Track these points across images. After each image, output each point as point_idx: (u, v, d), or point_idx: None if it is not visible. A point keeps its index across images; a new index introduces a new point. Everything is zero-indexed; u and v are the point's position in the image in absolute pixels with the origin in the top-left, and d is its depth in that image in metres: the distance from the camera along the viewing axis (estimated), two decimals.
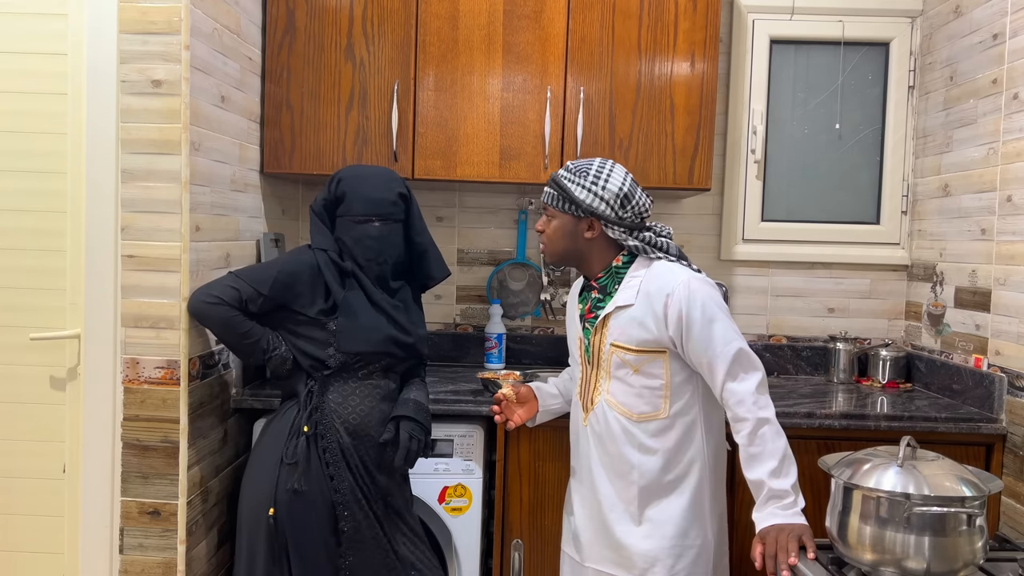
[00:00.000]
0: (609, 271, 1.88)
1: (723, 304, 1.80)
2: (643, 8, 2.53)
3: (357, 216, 2.00)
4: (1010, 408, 2.25)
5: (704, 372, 1.78)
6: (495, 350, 2.82)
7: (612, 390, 1.84)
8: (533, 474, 2.33)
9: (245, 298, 1.94)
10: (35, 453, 2.07)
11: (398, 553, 1.99)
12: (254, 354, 1.98)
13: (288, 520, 1.90)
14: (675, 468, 1.82)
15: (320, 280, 1.99)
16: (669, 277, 1.79)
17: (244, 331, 1.95)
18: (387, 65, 2.52)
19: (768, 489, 1.69)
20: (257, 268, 2.04)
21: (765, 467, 1.70)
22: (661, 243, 1.87)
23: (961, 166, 2.54)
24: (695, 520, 1.83)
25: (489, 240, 2.97)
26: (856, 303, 2.95)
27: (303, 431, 1.94)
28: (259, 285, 1.95)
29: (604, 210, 1.81)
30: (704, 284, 1.79)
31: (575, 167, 1.85)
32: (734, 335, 1.76)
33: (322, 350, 1.97)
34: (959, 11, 2.58)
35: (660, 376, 1.80)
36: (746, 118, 2.89)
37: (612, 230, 1.84)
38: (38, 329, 2.03)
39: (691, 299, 1.75)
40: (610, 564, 1.87)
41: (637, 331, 1.80)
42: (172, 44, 1.93)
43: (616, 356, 1.83)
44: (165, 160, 1.95)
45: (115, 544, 2.01)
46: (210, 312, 1.93)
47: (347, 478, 1.94)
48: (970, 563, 1.51)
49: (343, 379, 1.99)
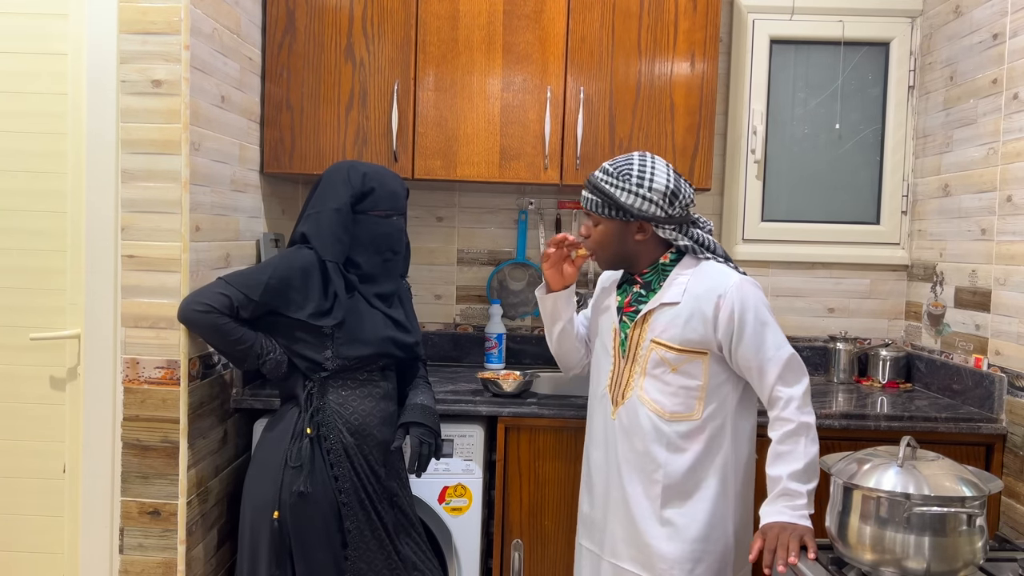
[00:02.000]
0: (656, 267, 1.85)
1: (770, 308, 1.79)
2: (643, 8, 2.53)
3: (384, 211, 2.01)
4: (1010, 408, 2.25)
5: (752, 375, 1.77)
6: (495, 350, 2.82)
7: (646, 386, 1.81)
8: (533, 474, 2.33)
9: (236, 305, 1.89)
10: (35, 453, 2.07)
11: (401, 553, 1.99)
12: (247, 360, 1.94)
13: (293, 522, 1.89)
14: (700, 471, 1.80)
15: (315, 282, 1.94)
16: (720, 279, 1.77)
17: (236, 338, 1.90)
18: (387, 65, 2.52)
19: (783, 486, 1.69)
20: (247, 273, 1.96)
21: (789, 467, 1.70)
22: (708, 242, 1.85)
23: (961, 166, 2.54)
24: (717, 525, 1.80)
25: (489, 240, 2.97)
26: (856, 303, 2.95)
27: (306, 433, 1.93)
28: (250, 291, 1.90)
29: (654, 211, 1.77)
30: (754, 288, 1.78)
31: (615, 169, 1.79)
32: (783, 340, 1.77)
33: (318, 353, 1.95)
34: (959, 11, 2.58)
35: (698, 377, 1.78)
36: (746, 118, 2.89)
37: (663, 230, 1.81)
38: (38, 329, 2.03)
39: (744, 303, 1.74)
40: (629, 561, 1.84)
41: (682, 330, 1.77)
42: (172, 44, 1.93)
43: (655, 353, 1.79)
44: (165, 160, 1.95)
45: (115, 544, 2.01)
46: (200, 320, 1.88)
47: (351, 478, 1.94)
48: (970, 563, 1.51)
49: (342, 380, 1.98)
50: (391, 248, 2.03)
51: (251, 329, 1.93)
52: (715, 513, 1.80)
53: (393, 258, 2.05)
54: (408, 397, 2.09)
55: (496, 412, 2.30)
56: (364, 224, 2.00)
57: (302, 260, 1.94)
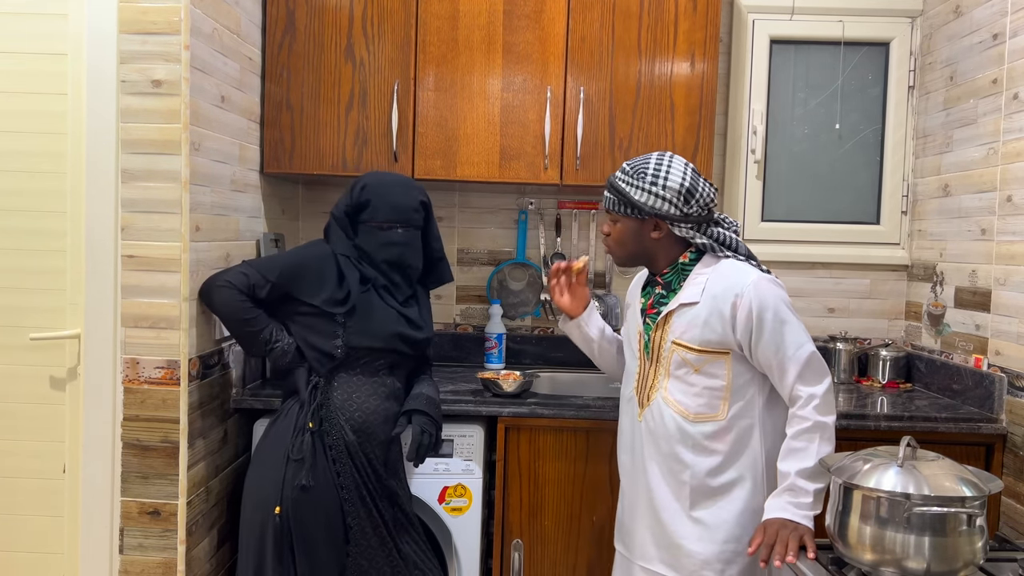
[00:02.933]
0: (675, 267, 1.84)
1: (791, 306, 1.78)
2: (643, 8, 2.53)
3: (381, 223, 2.04)
4: (1010, 408, 2.24)
5: (773, 374, 1.76)
6: (495, 350, 2.82)
7: (670, 388, 1.80)
8: (533, 474, 2.33)
9: (253, 283, 1.99)
10: (35, 453, 2.07)
11: (402, 552, 1.99)
12: (256, 343, 2.01)
13: (296, 517, 1.90)
14: (729, 471, 1.78)
15: (330, 272, 2.01)
16: (738, 278, 1.76)
17: (249, 317, 1.99)
18: (387, 65, 2.52)
19: (791, 482, 1.68)
20: (268, 257, 2.15)
21: (799, 464, 1.69)
22: (730, 240, 1.83)
23: (961, 166, 2.54)
24: (749, 526, 1.77)
25: (489, 240, 2.97)
26: (856, 303, 2.95)
27: (308, 427, 1.94)
28: (267, 272, 2.01)
29: (668, 209, 1.77)
30: (773, 285, 1.76)
31: (631, 168, 1.80)
32: (805, 338, 1.75)
33: (329, 342, 1.99)
34: (959, 11, 2.58)
35: (721, 377, 1.77)
36: (746, 118, 2.89)
37: (679, 228, 1.80)
38: (38, 329, 2.03)
39: (762, 301, 1.72)
40: (659, 563, 1.83)
41: (701, 330, 1.76)
42: (172, 44, 1.93)
43: (677, 354, 1.79)
44: (165, 160, 1.95)
45: (115, 544, 2.01)
46: (218, 294, 1.98)
47: (353, 476, 1.95)
48: (970, 563, 1.51)
49: (348, 374, 2.00)
50: (396, 260, 2.06)
51: (266, 315, 2.02)
52: (746, 513, 1.78)
53: (400, 270, 2.07)
54: (413, 388, 2.11)
55: (496, 412, 2.30)
56: (364, 234, 2.06)
57: (318, 250, 2.06)
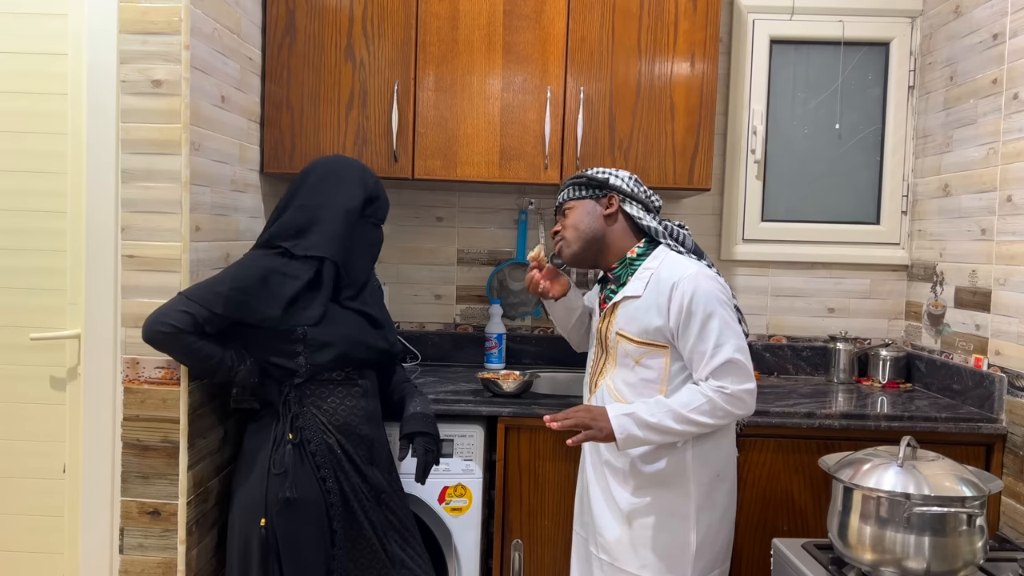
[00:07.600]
0: (623, 262, 1.91)
1: (728, 303, 1.79)
2: (643, 8, 2.53)
3: (379, 219, 2.05)
4: (1010, 408, 2.25)
5: (692, 364, 1.78)
6: (495, 350, 2.82)
7: (615, 376, 1.89)
8: (533, 474, 2.33)
9: (200, 321, 1.83)
10: (35, 453, 2.07)
11: (388, 551, 1.97)
12: (218, 374, 1.91)
13: (281, 528, 1.88)
14: (657, 463, 1.83)
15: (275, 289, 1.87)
16: (677, 269, 1.81)
17: (203, 355, 1.86)
18: (387, 65, 2.52)
19: (640, 406, 1.75)
20: (207, 285, 1.88)
21: (659, 399, 1.77)
22: (679, 234, 1.92)
23: (961, 166, 2.54)
24: (679, 520, 1.83)
25: (489, 240, 2.97)
26: (856, 303, 2.95)
27: (288, 439, 1.90)
28: (211, 305, 1.84)
29: (620, 184, 1.91)
30: (711, 280, 1.79)
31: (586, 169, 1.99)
32: (732, 340, 1.74)
33: (291, 361, 1.91)
34: (959, 11, 2.58)
35: (658, 370, 1.82)
36: (746, 118, 2.89)
37: (630, 204, 1.90)
38: (38, 329, 2.03)
39: (695, 291, 1.76)
40: (595, 545, 1.93)
41: (642, 321, 1.82)
42: (172, 44, 1.93)
43: (621, 345, 1.86)
44: (165, 160, 1.95)
45: (115, 544, 2.00)
46: (166, 342, 1.83)
47: (337, 479, 1.93)
48: (970, 563, 1.51)
49: (318, 383, 1.96)
50: (374, 257, 2.09)
51: (221, 340, 1.89)
52: (677, 507, 1.83)
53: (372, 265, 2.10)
54: (405, 407, 2.10)
55: (496, 412, 2.30)
56: (361, 229, 2.00)
57: (260, 268, 1.89)
